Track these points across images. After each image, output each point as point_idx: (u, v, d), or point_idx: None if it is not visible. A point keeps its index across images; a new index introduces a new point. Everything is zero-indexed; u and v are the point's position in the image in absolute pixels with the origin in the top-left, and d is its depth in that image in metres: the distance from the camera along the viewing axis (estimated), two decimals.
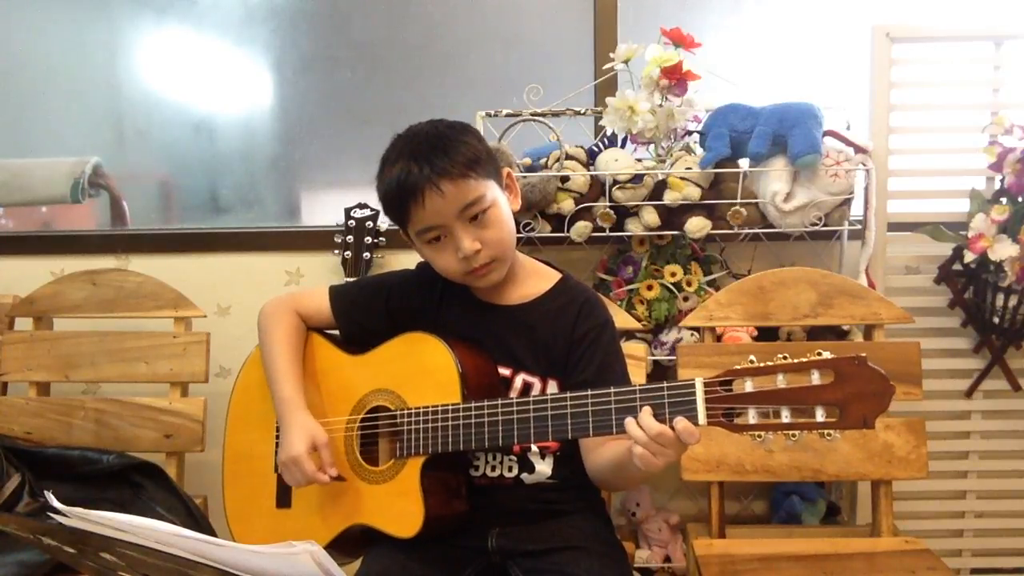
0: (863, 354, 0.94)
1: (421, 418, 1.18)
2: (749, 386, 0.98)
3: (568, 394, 1.10)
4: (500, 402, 1.14)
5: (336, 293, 1.36)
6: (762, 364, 0.97)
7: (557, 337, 1.24)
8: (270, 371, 1.30)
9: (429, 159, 1.14)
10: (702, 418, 1.00)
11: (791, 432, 0.96)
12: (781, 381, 0.96)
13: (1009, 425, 2.00)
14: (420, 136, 1.19)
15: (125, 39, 2.19)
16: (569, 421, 1.09)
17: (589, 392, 1.08)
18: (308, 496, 1.28)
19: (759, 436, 0.97)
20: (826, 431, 0.95)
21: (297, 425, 1.23)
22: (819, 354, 0.95)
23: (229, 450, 1.38)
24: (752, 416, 0.97)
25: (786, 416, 0.96)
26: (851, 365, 0.93)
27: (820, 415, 0.95)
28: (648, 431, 1.00)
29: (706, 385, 1.00)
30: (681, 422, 0.99)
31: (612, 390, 1.07)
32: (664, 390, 1.03)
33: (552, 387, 1.24)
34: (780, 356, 0.97)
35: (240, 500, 1.36)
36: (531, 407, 1.12)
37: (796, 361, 0.96)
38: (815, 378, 0.95)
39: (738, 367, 0.99)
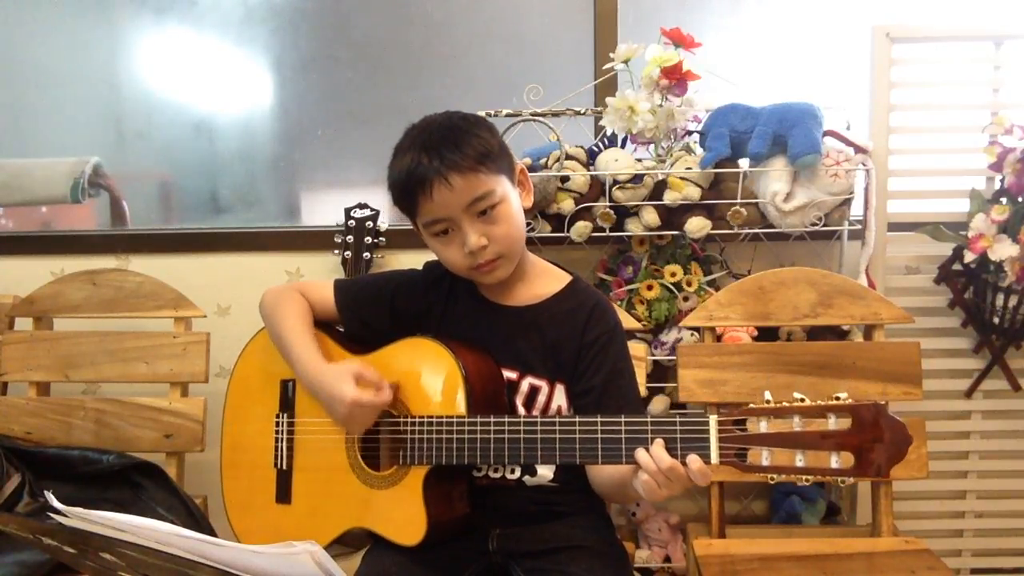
0: (882, 402, 0.93)
1: (426, 428, 1.16)
2: (764, 426, 0.96)
3: (577, 418, 1.09)
4: (507, 419, 1.12)
5: (341, 287, 1.34)
6: (778, 404, 0.96)
7: (566, 341, 1.23)
8: (287, 344, 1.26)
9: (440, 151, 1.12)
10: (715, 457, 0.99)
11: (803, 477, 0.95)
12: (797, 424, 0.95)
13: (1009, 425, 2.00)
14: (433, 127, 1.17)
15: (125, 39, 2.19)
16: (577, 446, 1.08)
17: (599, 418, 1.07)
18: (308, 493, 1.28)
19: (772, 478, 0.96)
20: (840, 478, 0.93)
21: (331, 376, 1.18)
22: (837, 398, 0.93)
23: (227, 441, 1.37)
24: (765, 458, 0.96)
25: (800, 460, 0.94)
26: (869, 412, 0.92)
27: (835, 461, 0.93)
28: (659, 463, 1.00)
29: (720, 424, 0.99)
30: (696, 462, 0.99)
31: (623, 418, 1.05)
32: (677, 425, 1.01)
33: (559, 391, 1.23)
34: (797, 397, 0.95)
35: (239, 493, 1.35)
36: (539, 428, 1.10)
37: (813, 404, 0.94)
38: (832, 423, 0.93)
39: (753, 406, 0.97)
